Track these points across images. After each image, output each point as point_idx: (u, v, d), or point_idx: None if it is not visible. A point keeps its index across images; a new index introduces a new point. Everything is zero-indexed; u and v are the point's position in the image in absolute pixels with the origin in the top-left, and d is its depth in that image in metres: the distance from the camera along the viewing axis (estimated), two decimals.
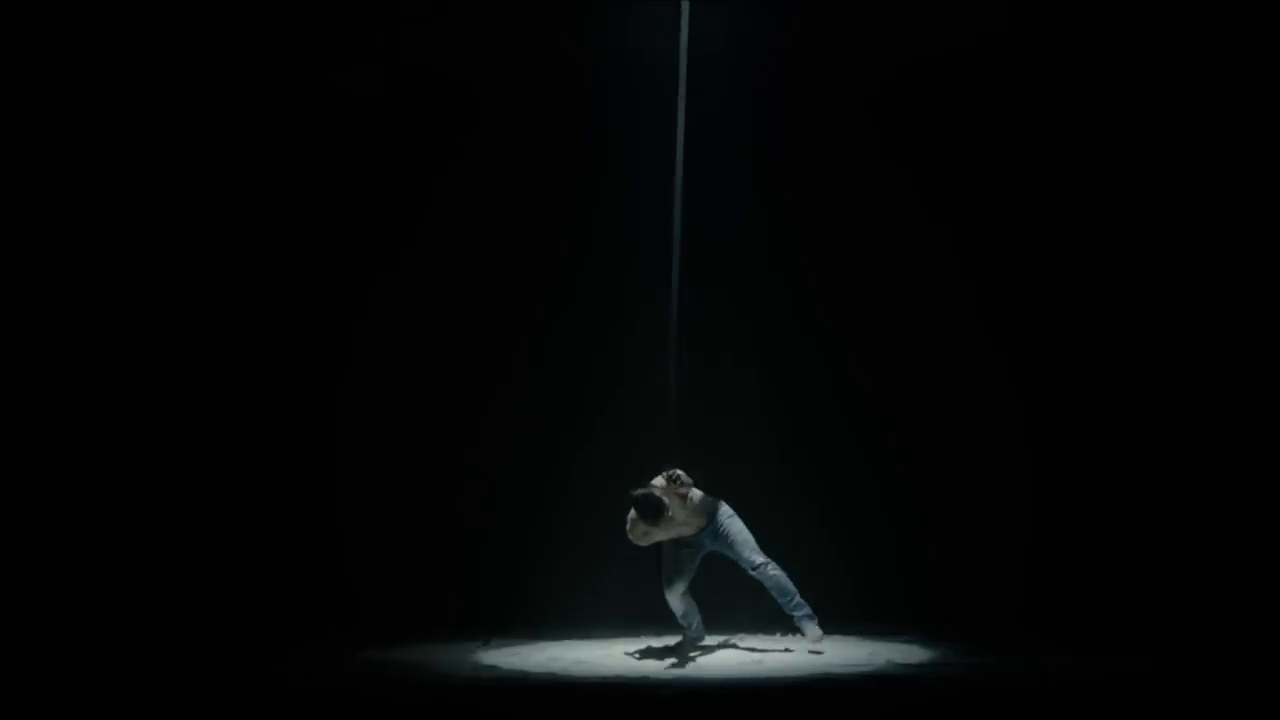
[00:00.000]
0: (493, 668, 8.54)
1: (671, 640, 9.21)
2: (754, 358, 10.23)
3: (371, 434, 10.59)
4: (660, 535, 8.70)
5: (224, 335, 10.57)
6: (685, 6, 9.43)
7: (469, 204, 10.67)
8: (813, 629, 8.84)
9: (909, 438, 10.40)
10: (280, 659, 8.81)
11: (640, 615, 9.73)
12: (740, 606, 9.45)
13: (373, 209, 10.68)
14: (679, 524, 8.71)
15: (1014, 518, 10.27)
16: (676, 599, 8.92)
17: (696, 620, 9.05)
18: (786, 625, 9.13)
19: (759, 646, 9.14)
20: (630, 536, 8.69)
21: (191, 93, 10.47)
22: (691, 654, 8.87)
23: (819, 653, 8.75)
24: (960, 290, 10.48)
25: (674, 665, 8.57)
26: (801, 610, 8.84)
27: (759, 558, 8.81)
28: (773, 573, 8.80)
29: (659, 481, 8.68)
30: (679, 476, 8.68)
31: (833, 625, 9.54)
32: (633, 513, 8.61)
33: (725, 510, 8.90)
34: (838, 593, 9.86)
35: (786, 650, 8.96)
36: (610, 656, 8.89)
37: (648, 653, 8.97)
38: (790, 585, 8.82)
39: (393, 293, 10.69)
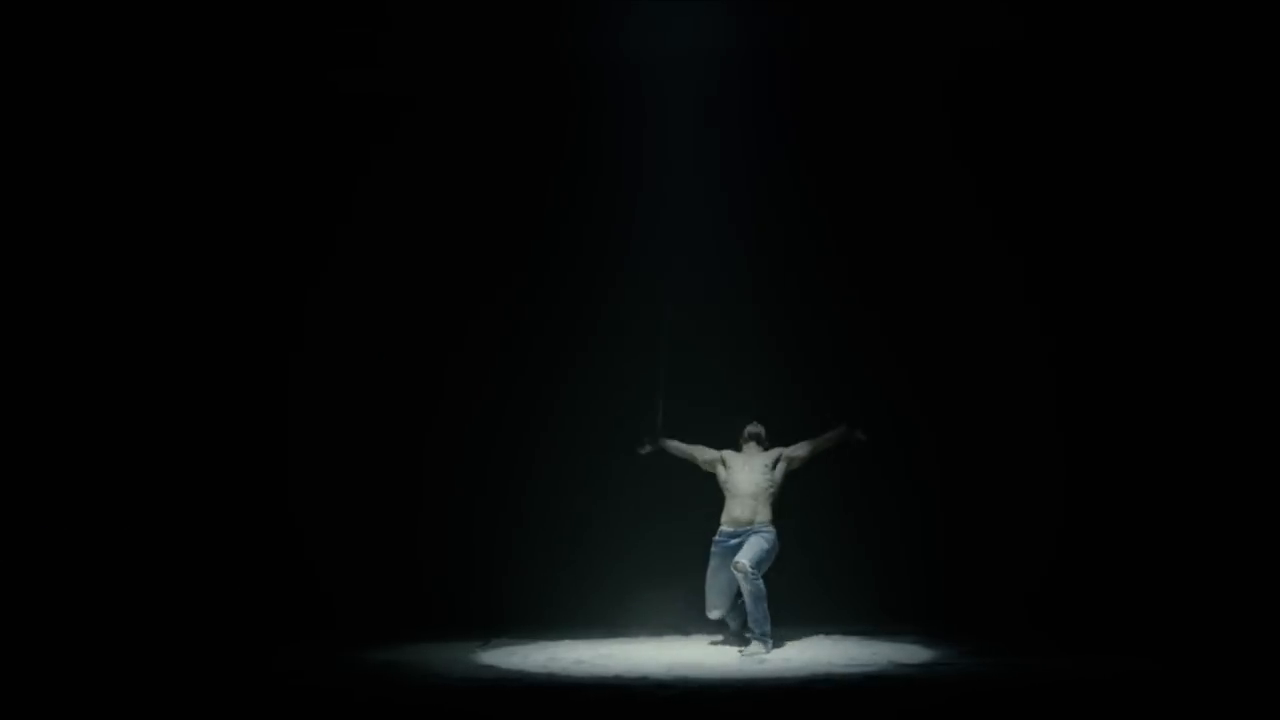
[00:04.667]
0: (492, 668, 8.52)
1: (671, 641, 9.25)
2: (765, 358, 10.18)
3: (371, 433, 10.57)
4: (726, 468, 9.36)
5: (224, 336, 10.56)
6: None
7: (458, 200, 10.66)
8: (758, 646, 8.90)
9: (922, 438, 10.38)
10: (278, 659, 8.78)
11: (640, 615, 9.74)
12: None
13: (370, 209, 10.69)
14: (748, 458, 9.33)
15: (1015, 518, 10.27)
16: (718, 616, 9.30)
17: (737, 620, 9.25)
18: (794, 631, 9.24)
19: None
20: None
21: (167, 92, 10.46)
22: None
23: (754, 656, 8.82)
24: (972, 292, 10.48)
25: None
26: (760, 629, 8.91)
27: (748, 564, 8.87)
28: (748, 589, 8.92)
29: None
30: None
31: (834, 625, 9.60)
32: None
33: (770, 530, 9.16)
34: (843, 593, 9.92)
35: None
36: (610, 656, 8.86)
37: (648, 653, 8.97)
38: (755, 616, 8.92)
39: (393, 292, 10.69)
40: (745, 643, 9.02)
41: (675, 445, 9.50)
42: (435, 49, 10.51)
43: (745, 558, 8.93)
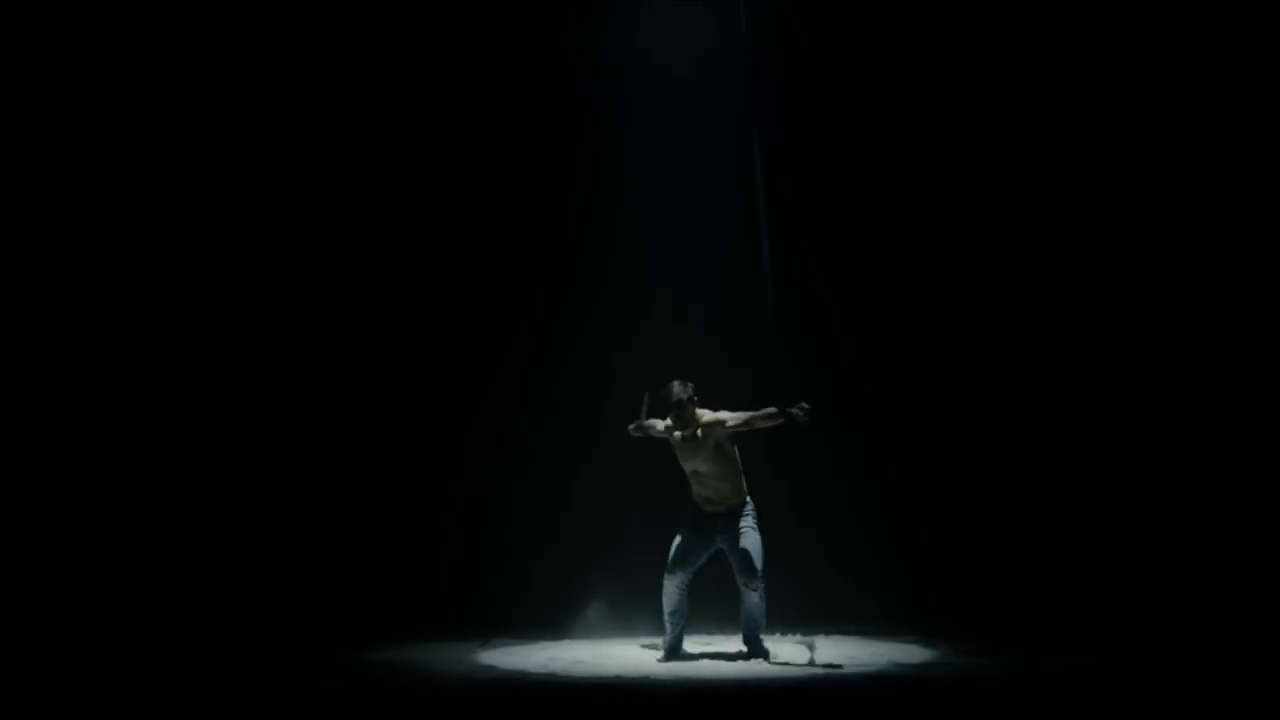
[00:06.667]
0: (491, 668, 8.52)
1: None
2: (752, 358, 10.19)
3: (370, 433, 10.58)
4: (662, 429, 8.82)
5: (221, 337, 10.57)
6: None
7: (469, 204, 10.68)
8: (759, 657, 8.70)
9: (907, 439, 10.40)
10: (280, 659, 8.79)
11: (641, 615, 9.75)
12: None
13: (371, 209, 10.68)
14: (685, 425, 8.66)
15: (1011, 518, 10.29)
16: (674, 590, 8.68)
17: (681, 624, 8.76)
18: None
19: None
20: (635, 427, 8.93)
21: (183, 93, 10.48)
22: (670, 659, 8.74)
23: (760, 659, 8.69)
24: (958, 289, 10.51)
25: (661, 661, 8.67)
26: (757, 642, 8.70)
27: (754, 579, 8.57)
28: (755, 600, 8.59)
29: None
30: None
31: (833, 625, 9.60)
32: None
33: (751, 514, 8.70)
34: (838, 592, 9.92)
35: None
36: (610, 656, 8.87)
37: (648, 653, 8.97)
38: (761, 618, 8.65)
39: (392, 293, 10.70)
40: (677, 654, 8.77)
41: (647, 425, 8.91)
42: (439, 48, 10.55)
43: (755, 576, 8.52)
